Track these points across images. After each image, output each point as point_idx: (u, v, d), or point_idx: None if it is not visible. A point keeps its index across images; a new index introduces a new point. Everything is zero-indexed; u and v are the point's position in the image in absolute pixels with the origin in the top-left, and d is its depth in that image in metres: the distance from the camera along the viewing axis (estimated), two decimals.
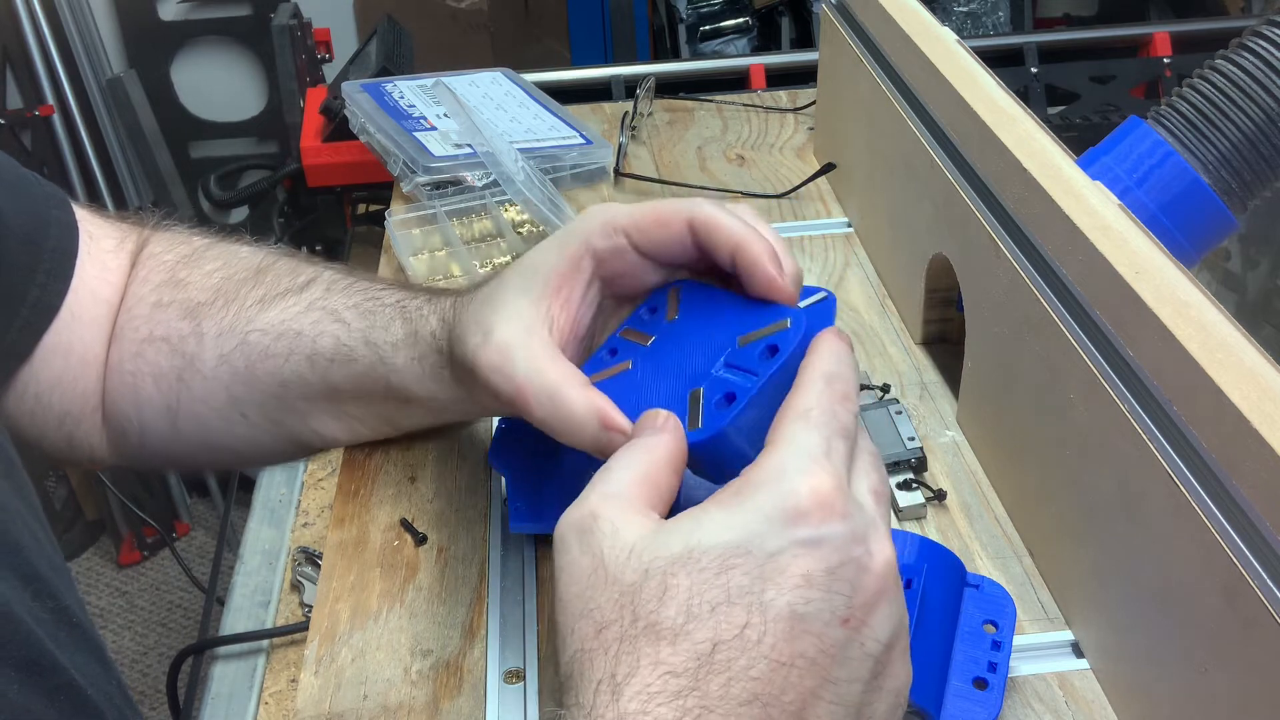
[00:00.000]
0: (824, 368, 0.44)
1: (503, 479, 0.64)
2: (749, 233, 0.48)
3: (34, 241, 0.58)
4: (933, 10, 0.80)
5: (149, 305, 0.62)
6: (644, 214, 0.50)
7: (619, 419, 0.46)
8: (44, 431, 0.62)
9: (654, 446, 0.43)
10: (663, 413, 0.44)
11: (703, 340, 0.49)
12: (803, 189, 0.98)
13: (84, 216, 0.63)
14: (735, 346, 0.48)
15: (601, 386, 0.49)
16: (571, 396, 0.47)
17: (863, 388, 0.72)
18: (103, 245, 0.63)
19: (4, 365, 0.59)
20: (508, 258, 0.90)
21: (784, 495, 0.38)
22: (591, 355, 0.53)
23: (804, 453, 0.40)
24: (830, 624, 0.37)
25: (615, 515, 0.39)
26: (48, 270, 0.59)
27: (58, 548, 0.45)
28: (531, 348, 0.49)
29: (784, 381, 0.45)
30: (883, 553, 0.39)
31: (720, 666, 0.36)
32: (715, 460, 0.45)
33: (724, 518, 0.38)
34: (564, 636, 0.38)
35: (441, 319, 0.56)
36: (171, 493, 2.31)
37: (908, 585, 0.52)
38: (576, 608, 0.38)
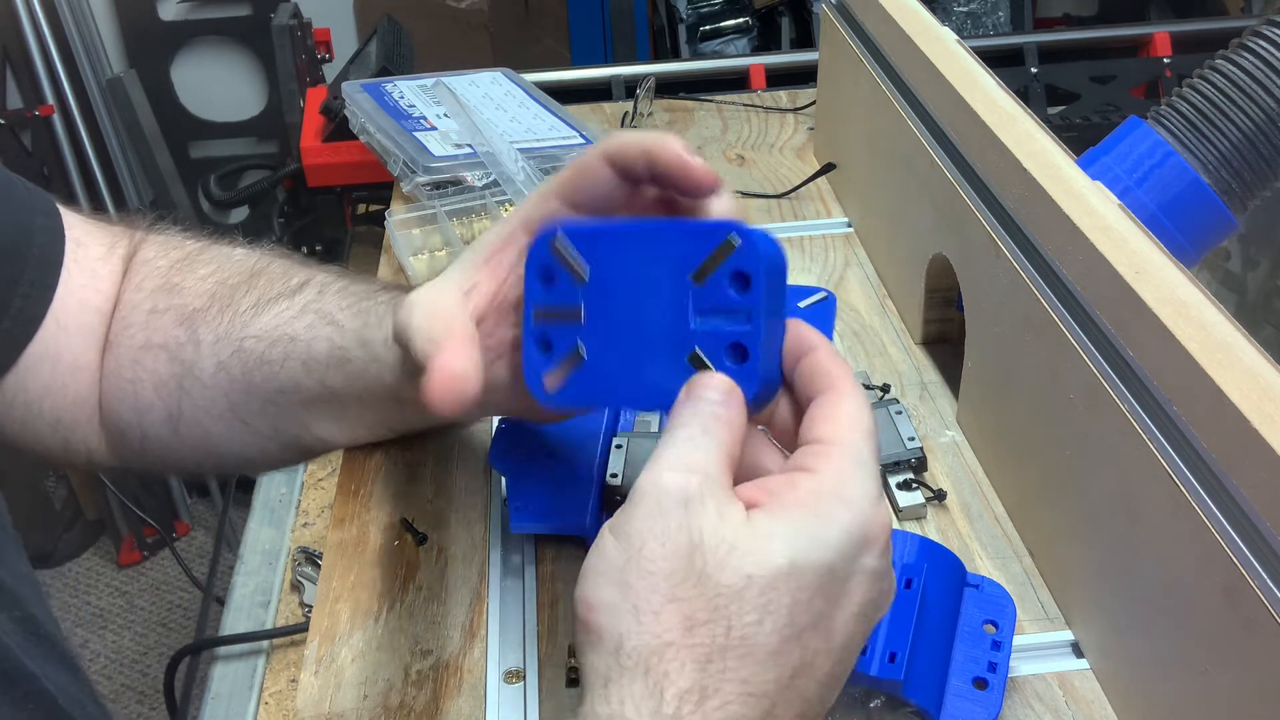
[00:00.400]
0: (847, 369, 0.44)
1: (503, 479, 0.64)
2: (655, 135, 0.47)
3: (17, 251, 0.58)
4: (933, 10, 0.80)
5: (144, 312, 0.62)
6: (568, 170, 0.49)
7: (441, 385, 0.45)
8: (38, 437, 0.62)
9: (732, 420, 0.40)
10: (720, 380, 0.41)
11: (648, 293, 0.44)
12: (803, 189, 0.98)
13: (72, 223, 0.62)
14: (694, 287, 0.43)
15: (571, 391, 0.46)
16: (445, 348, 0.46)
17: (863, 387, 0.72)
18: (91, 252, 0.63)
19: None
20: None
21: (863, 518, 0.38)
22: (525, 361, 0.47)
23: (868, 469, 0.39)
24: (857, 643, 0.39)
25: (718, 498, 0.37)
26: (31, 280, 0.58)
27: (24, 557, 0.45)
28: (435, 303, 0.48)
29: (773, 305, 0.43)
30: (889, 568, 0.40)
31: (798, 692, 0.36)
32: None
33: (818, 533, 0.37)
34: (638, 608, 0.36)
35: None
36: (171, 493, 2.30)
37: (908, 585, 0.52)
38: (665, 588, 0.36)
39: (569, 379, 0.45)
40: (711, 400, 0.41)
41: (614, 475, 0.59)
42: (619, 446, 0.61)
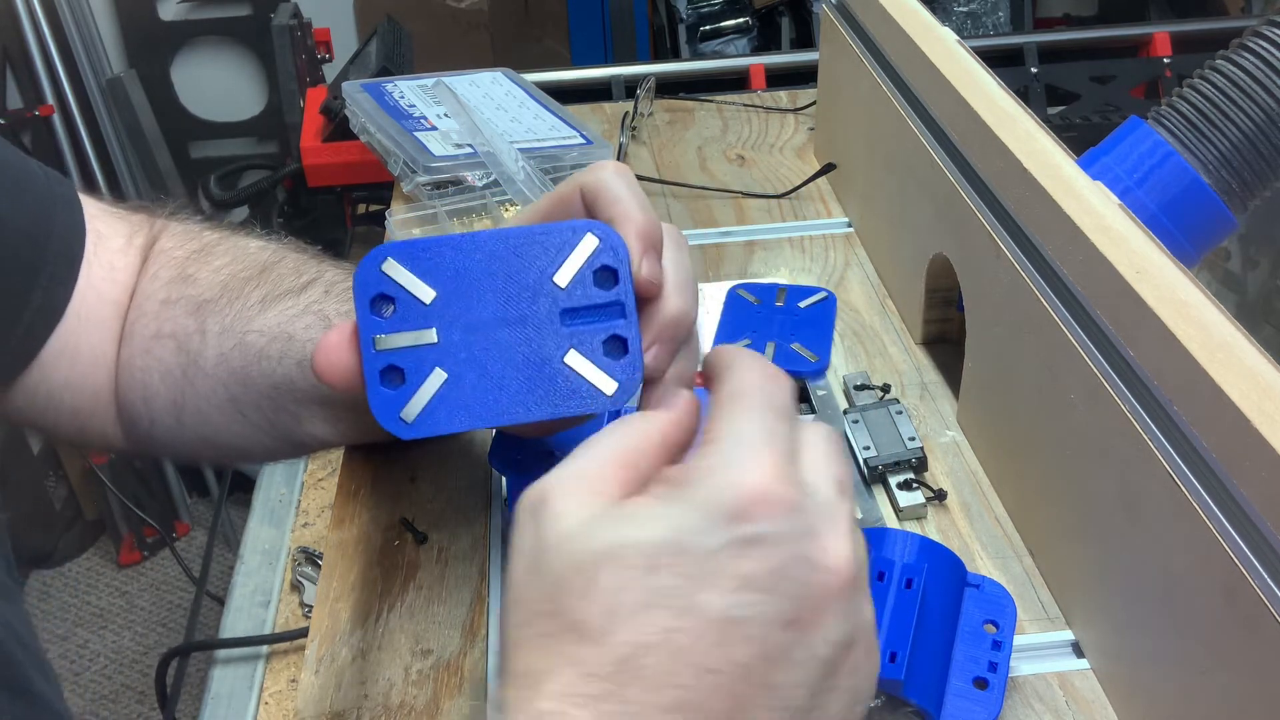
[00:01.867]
0: (741, 350, 0.41)
1: (503, 479, 0.64)
2: (627, 207, 0.45)
3: (38, 245, 0.58)
4: (933, 10, 0.80)
5: (158, 302, 0.62)
6: (545, 200, 0.48)
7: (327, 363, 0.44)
8: (57, 424, 0.63)
9: (642, 423, 0.39)
10: (683, 391, 0.41)
11: (506, 302, 0.43)
12: (803, 189, 0.98)
13: (93, 214, 0.63)
14: (557, 289, 0.43)
15: (435, 418, 0.43)
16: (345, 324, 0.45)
17: (863, 387, 0.72)
18: (110, 244, 0.63)
19: (10, 369, 0.59)
20: None
21: (725, 488, 0.35)
22: (370, 395, 0.44)
23: (744, 440, 0.37)
24: (772, 628, 0.34)
25: (566, 496, 0.36)
26: (51, 274, 0.59)
27: (16, 574, 0.45)
28: None
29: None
30: (839, 548, 0.36)
31: (641, 672, 0.33)
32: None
33: (659, 510, 0.35)
34: (501, 623, 0.36)
35: None
36: (171, 493, 2.30)
37: (908, 585, 0.52)
38: (512, 594, 0.36)
39: (430, 405, 0.44)
40: (662, 403, 0.41)
41: None
42: None
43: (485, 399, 0.43)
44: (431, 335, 0.43)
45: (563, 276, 0.43)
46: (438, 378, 0.43)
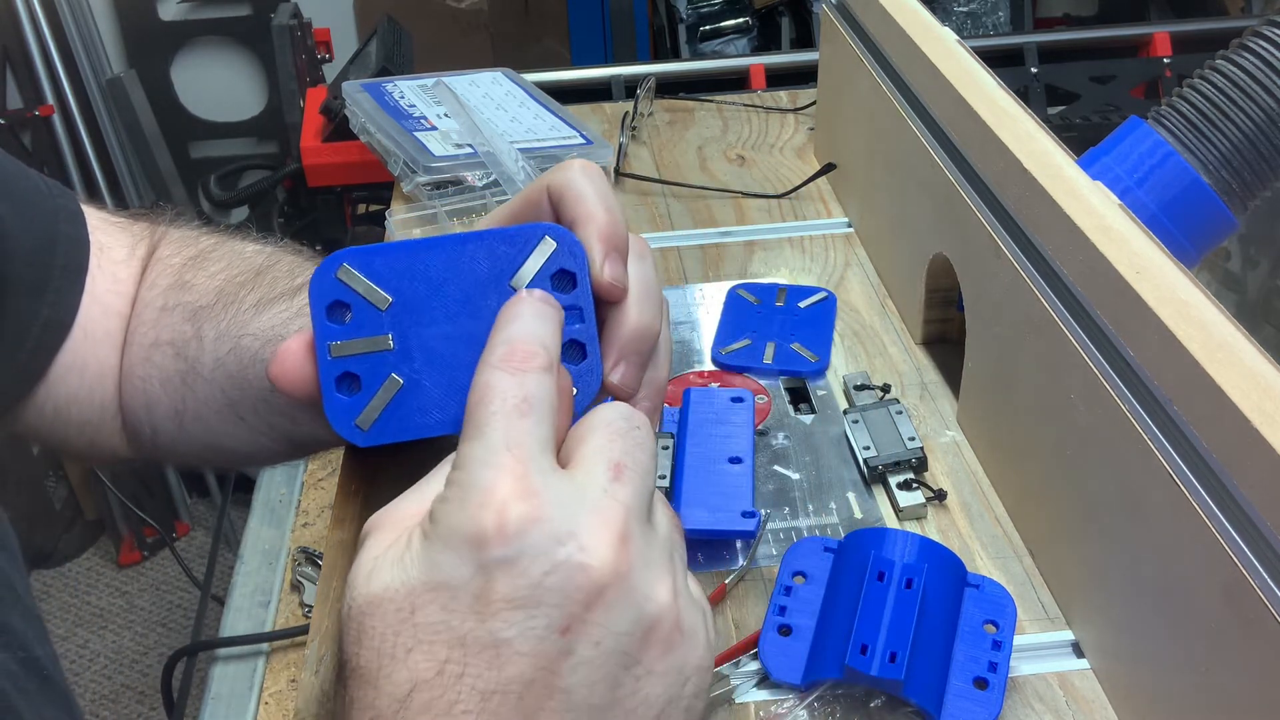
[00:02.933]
0: (502, 334, 0.39)
1: None
2: (591, 209, 0.45)
3: (43, 261, 0.58)
4: (933, 10, 0.80)
5: (156, 310, 0.62)
6: (515, 200, 0.48)
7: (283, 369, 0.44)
8: (66, 438, 0.63)
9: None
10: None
11: (464, 307, 0.43)
12: (803, 189, 0.98)
13: (96, 225, 0.62)
14: (514, 294, 0.42)
15: (392, 425, 0.43)
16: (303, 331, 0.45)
17: (863, 387, 0.72)
18: (113, 256, 0.63)
19: (19, 386, 0.59)
20: None
21: (462, 518, 0.35)
22: (325, 402, 0.44)
23: (480, 458, 0.36)
24: (545, 639, 0.34)
25: (380, 533, 0.37)
26: (57, 289, 0.59)
27: (33, 595, 0.45)
28: None
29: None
30: (598, 542, 0.35)
31: (421, 707, 0.34)
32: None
33: (417, 550, 0.36)
34: None
35: None
36: (171, 493, 2.30)
37: (908, 585, 0.52)
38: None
39: (386, 412, 0.43)
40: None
41: None
42: None
43: (442, 405, 0.43)
44: (387, 341, 0.43)
45: (520, 280, 0.43)
46: (393, 384, 0.43)
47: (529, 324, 0.40)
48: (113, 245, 0.63)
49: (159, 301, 0.62)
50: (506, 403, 0.37)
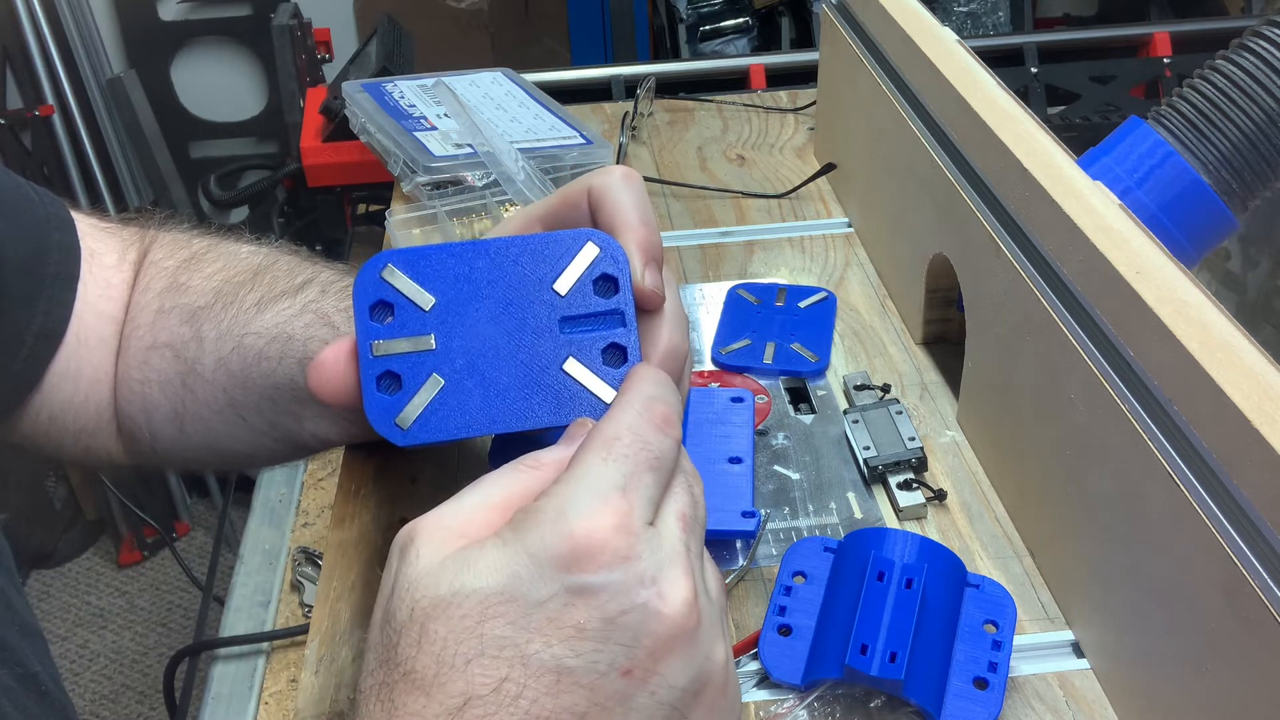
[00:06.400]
0: (644, 389, 0.40)
1: None
2: (629, 217, 0.45)
3: (34, 270, 0.58)
4: (933, 10, 0.80)
5: (152, 313, 0.62)
6: (554, 197, 0.48)
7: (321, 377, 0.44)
8: (61, 445, 0.63)
9: (532, 470, 0.39)
10: (585, 423, 0.41)
11: (506, 310, 0.43)
12: (803, 189, 0.98)
13: (85, 231, 0.62)
14: (557, 297, 0.43)
15: (432, 425, 0.43)
16: (343, 339, 0.46)
17: (863, 388, 0.72)
18: (104, 261, 0.63)
19: (13, 395, 0.59)
20: None
21: (558, 537, 0.35)
22: (366, 401, 0.44)
23: (595, 489, 0.36)
24: (606, 676, 0.34)
25: (430, 538, 0.36)
26: (49, 298, 0.59)
27: (31, 611, 0.45)
28: None
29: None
30: (678, 593, 0.35)
31: None
32: None
33: (495, 558, 0.35)
34: (363, 654, 0.37)
35: None
36: (171, 493, 2.30)
37: (908, 585, 0.52)
38: (368, 642, 0.37)
39: (427, 411, 0.43)
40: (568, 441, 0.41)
41: None
42: None
43: (483, 406, 0.43)
44: (430, 342, 0.43)
45: (563, 284, 0.43)
46: (435, 384, 0.43)
47: (670, 393, 0.40)
48: (103, 251, 0.63)
49: (154, 304, 0.62)
50: (645, 451, 0.38)
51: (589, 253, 0.43)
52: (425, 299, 0.44)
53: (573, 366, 0.43)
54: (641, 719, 0.35)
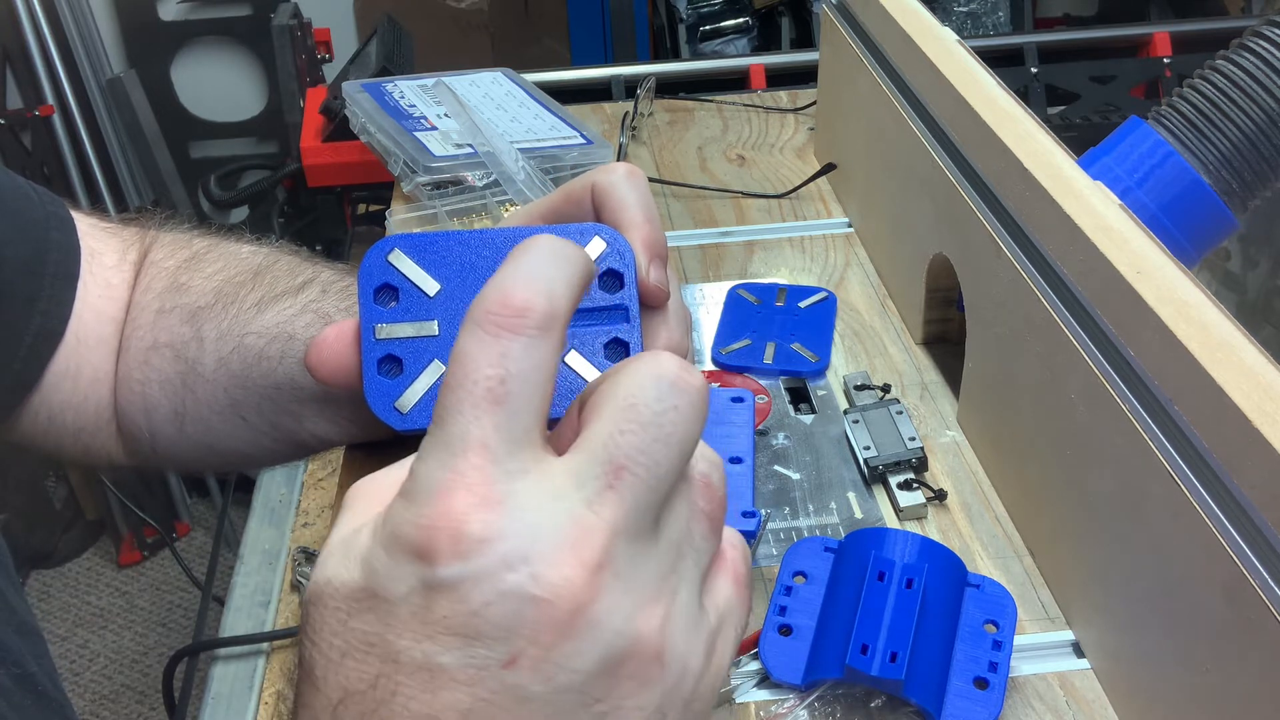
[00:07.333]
0: (501, 273, 0.32)
1: None
2: (634, 215, 0.45)
3: (34, 270, 0.58)
4: (933, 10, 0.80)
5: (152, 313, 0.62)
6: (557, 194, 0.48)
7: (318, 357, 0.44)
8: (60, 445, 0.63)
9: None
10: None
11: None
12: (803, 189, 0.98)
13: (85, 231, 0.62)
14: None
15: (431, 404, 0.41)
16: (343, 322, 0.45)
17: (863, 387, 0.72)
18: (104, 261, 0.63)
19: (13, 395, 0.59)
20: None
21: (408, 525, 0.30)
22: (366, 384, 0.44)
23: (438, 459, 0.30)
24: (486, 670, 0.30)
25: (350, 508, 0.34)
26: (49, 297, 0.59)
27: (30, 610, 0.45)
28: None
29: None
30: (557, 572, 0.30)
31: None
32: None
33: (361, 547, 0.31)
34: None
35: None
36: (171, 493, 2.30)
37: (908, 585, 0.52)
38: None
39: (427, 397, 0.43)
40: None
41: None
42: None
43: None
44: (433, 327, 0.44)
45: None
46: (436, 370, 0.43)
47: (536, 265, 0.31)
48: (103, 251, 0.63)
49: (155, 305, 0.62)
50: (477, 384, 0.30)
51: (596, 247, 0.43)
52: (430, 285, 0.44)
53: (574, 360, 0.43)
54: (542, 708, 0.31)
